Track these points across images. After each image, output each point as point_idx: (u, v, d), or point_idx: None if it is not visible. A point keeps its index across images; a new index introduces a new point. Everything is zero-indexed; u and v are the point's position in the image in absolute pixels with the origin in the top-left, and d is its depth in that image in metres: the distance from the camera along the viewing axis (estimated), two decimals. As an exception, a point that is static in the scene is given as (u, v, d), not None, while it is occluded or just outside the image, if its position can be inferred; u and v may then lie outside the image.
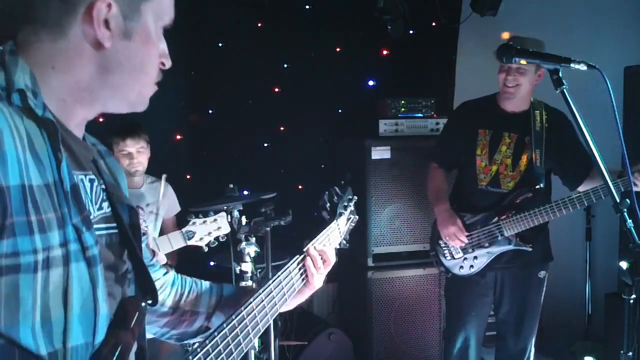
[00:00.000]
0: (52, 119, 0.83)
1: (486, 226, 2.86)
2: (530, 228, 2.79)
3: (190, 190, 3.57)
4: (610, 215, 1.66)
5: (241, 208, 2.76)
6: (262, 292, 1.20)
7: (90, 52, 0.87)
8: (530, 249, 2.85)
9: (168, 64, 1.01)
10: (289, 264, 1.33)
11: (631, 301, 1.70)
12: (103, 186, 0.95)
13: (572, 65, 1.69)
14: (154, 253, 2.51)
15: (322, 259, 1.41)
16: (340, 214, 1.64)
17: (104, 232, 0.94)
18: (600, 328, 3.77)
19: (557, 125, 2.85)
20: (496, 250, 2.88)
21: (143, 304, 0.94)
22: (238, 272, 2.65)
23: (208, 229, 2.72)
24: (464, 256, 2.93)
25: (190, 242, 2.74)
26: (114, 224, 0.96)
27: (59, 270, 0.78)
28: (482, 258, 2.90)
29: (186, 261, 3.22)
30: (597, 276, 4.07)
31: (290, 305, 1.38)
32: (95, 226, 0.88)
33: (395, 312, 3.83)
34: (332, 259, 1.43)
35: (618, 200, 1.61)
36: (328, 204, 1.65)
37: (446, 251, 2.98)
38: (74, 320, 0.80)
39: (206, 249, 2.77)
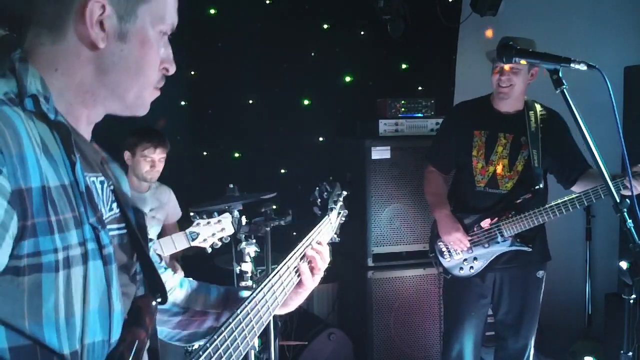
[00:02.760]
0: (64, 122, 0.86)
1: (489, 224, 2.85)
2: (529, 229, 2.80)
3: (190, 190, 3.57)
4: (610, 215, 1.66)
5: (241, 208, 2.76)
6: (256, 294, 1.18)
7: (87, 53, 0.89)
8: (530, 249, 2.85)
9: (172, 70, 1.01)
10: (280, 268, 1.29)
11: (631, 301, 1.70)
12: (112, 187, 0.98)
13: (572, 65, 1.68)
14: (160, 257, 2.51)
15: (321, 258, 1.39)
16: (331, 209, 1.65)
17: (116, 232, 0.96)
18: (600, 328, 3.77)
19: (551, 125, 2.87)
20: (496, 250, 2.87)
21: (154, 302, 0.96)
22: (238, 272, 2.65)
23: (212, 230, 2.72)
24: (464, 257, 2.92)
25: (193, 243, 2.73)
26: (124, 225, 0.98)
27: (79, 268, 0.81)
28: (481, 259, 2.90)
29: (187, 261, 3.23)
30: (597, 276, 4.06)
31: (287, 307, 1.37)
32: (108, 227, 0.91)
33: (395, 312, 3.83)
34: (328, 258, 1.43)
35: (618, 201, 1.61)
36: (319, 200, 1.66)
37: (445, 252, 2.97)
38: (91, 318, 0.82)
39: (210, 250, 2.76)
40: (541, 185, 2.84)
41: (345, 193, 1.80)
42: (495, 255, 2.88)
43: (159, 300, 0.98)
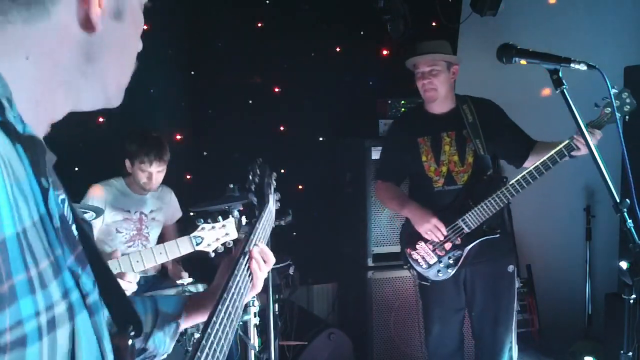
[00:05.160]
0: (34, 135, 0.65)
1: (451, 224, 2.86)
2: (492, 216, 2.81)
3: (190, 190, 3.57)
4: (610, 215, 1.66)
5: (241, 208, 2.76)
6: (221, 303, 1.07)
7: (76, 35, 0.70)
8: (499, 234, 2.86)
9: (140, 47, 0.84)
10: (237, 268, 1.20)
11: (631, 301, 1.70)
12: (69, 203, 0.77)
13: (572, 65, 1.69)
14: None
15: (263, 260, 1.29)
16: (268, 195, 1.54)
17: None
18: (600, 328, 3.77)
19: (487, 112, 2.96)
20: (467, 245, 2.87)
21: (130, 341, 0.78)
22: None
23: (216, 235, 2.71)
24: (439, 260, 2.91)
25: (198, 248, 2.72)
26: (81, 246, 0.75)
27: (64, 329, 0.63)
28: (456, 257, 2.90)
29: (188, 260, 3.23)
30: (597, 276, 4.06)
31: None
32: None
33: (395, 312, 3.83)
34: (273, 259, 1.32)
35: (618, 200, 1.61)
36: (253, 186, 1.54)
37: (420, 260, 2.94)
38: None
39: (213, 255, 2.76)
40: (491, 171, 2.91)
41: (275, 174, 1.66)
42: (468, 250, 2.88)
43: (132, 334, 0.78)
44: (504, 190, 2.77)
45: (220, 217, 2.67)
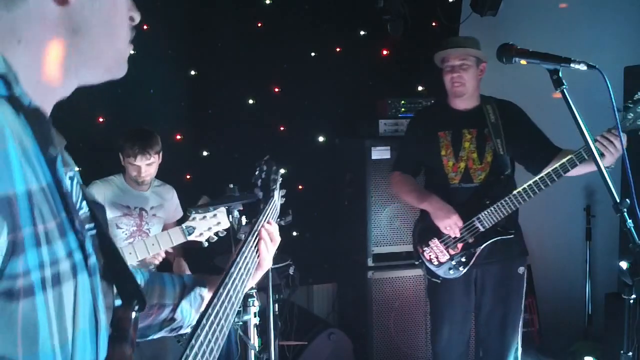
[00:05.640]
0: (41, 109, 0.74)
1: (466, 222, 2.85)
2: (506, 217, 2.80)
3: (190, 190, 3.57)
4: (610, 215, 1.66)
5: (241, 208, 2.76)
6: (227, 277, 1.15)
7: (54, 12, 0.75)
8: (512, 235, 2.86)
9: (137, 17, 0.89)
10: (243, 247, 1.28)
11: (631, 301, 1.70)
12: (80, 182, 0.87)
13: (572, 65, 1.69)
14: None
15: (270, 238, 1.37)
16: (273, 190, 1.62)
17: (89, 234, 0.85)
18: (600, 328, 3.77)
19: (510, 114, 2.94)
20: (480, 244, 2.87)
21: (134, 313, 0.86)
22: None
23: (208, 224, 2.72)
24: (451, 258, 2.90)
25: (190, 238, 2.73)
26: (93, 224, 0.86)
27: (69, 284, 0.72)
28: (468, 255, 2.89)
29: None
30: (597, 276, 4.07)
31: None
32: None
33: (395, 312, 3.83)
34: (279, 238, 1.40)
35: (618, 200, 1.61)
36: (259, 181, 1.63)
37: (433, 257, 2.94)
38: (80, 339, 0.74)
39: (206, 244, 2.77)
40: (509, 171, 2.90)
41: (283, 171, 1.77)
42: (481, 249, 2.87)
43: (136, 308, 0.86)
44: (521, 191, 2.74)
45: (210, 207, 2.68)
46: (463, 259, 2.89)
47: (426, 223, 2.93)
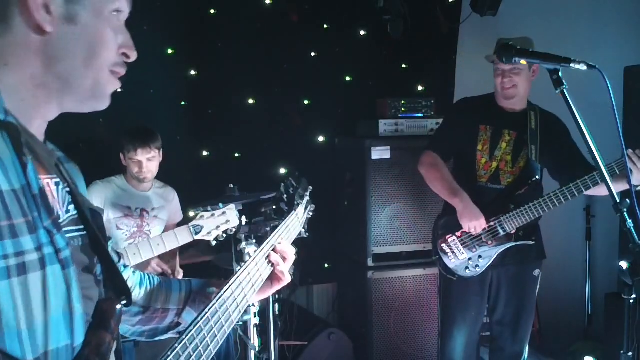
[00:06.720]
0: (14, 122, 0.83)
1: (488, 223, 2.84)
2: (528, 222, 2.79)
3: (190, 190, 3.57)
4: (610, 215, 1.66)
5: (241, 208, 2.75)
6: (232, 283, 1.17)
7: (36, 42, 0.86)
8: (533, 242, 2.85)
9: (133, 56, 0.96)
10: (255, 255, 1.29)
11: (631, 301, 1.70)
12: (68, 189, 0.95)
13: (572, 65, 1.69)
14: (119, 256, 2.47)
15: (282, 257, 1.36)
16: (297, 204, 1.65)
17: (75, 234, 0.94)
18: (600, 328, 3.77)
19: (551, 126, 2.91)
20: (500, 247, 2.86)
21: (118, 306, 0.95)
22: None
23: (216, 223, 2.68)
24: (469, 257, 2.90)
25: (197, 237, 2.69)
26: (82, 226, 0.96)
27: (37, 274, 0.80)
28: (486, 257, 2.88)
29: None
30: (597, 276, 4.06)
31: (260, 296, 1.37)
32: (65, 229, 0.89)
33: (395, 312, 3.83)
34: (292, 257, 1.39)
35: (618, 200, 1.61)
36: (285, 196, 1.66)
37: (450, 253, 2.93)
38: (54, 323, 0.82)
39: (214, 243, 2.73)
40: (538, 177, 2.87)
41: (311, 188, 1.81)
42: (499, 253, 2.87)
43: (123, 302, 0.97)
44: (545, 199, 2.73)
45: (220, 204, 2.64)
46: (480, 260, 2.88)
47: (449, 219, 2.92)
